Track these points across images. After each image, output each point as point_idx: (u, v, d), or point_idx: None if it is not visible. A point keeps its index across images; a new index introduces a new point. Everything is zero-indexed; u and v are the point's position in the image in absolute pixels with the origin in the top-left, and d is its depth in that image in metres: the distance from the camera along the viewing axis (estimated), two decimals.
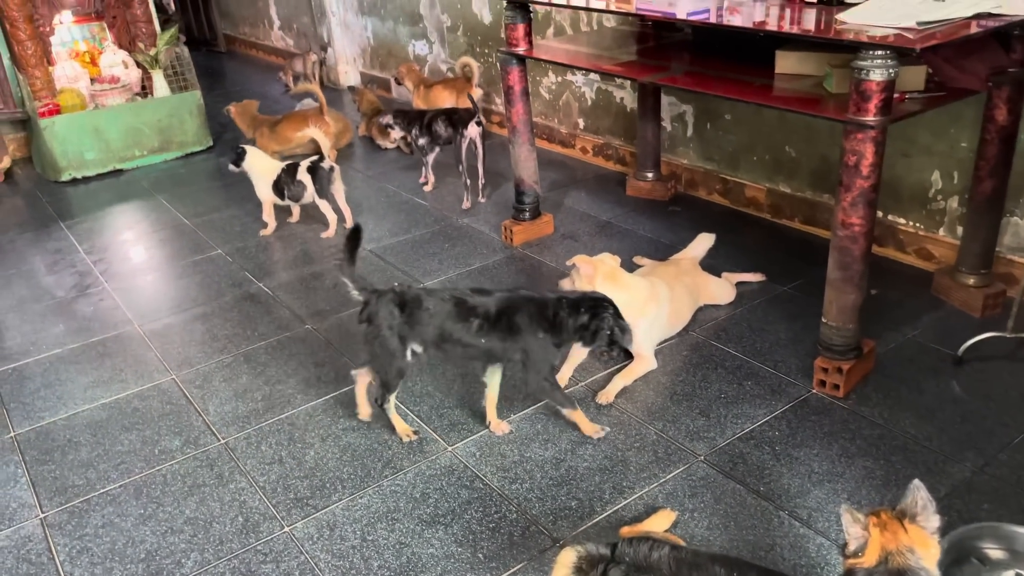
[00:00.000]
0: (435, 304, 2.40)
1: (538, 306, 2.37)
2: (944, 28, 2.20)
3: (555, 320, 2.34)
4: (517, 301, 2.39)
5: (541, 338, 2.36)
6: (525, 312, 2.36)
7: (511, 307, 2.38)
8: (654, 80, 3.09)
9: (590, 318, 2.33)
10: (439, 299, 2.41)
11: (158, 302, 3.57)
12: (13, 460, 2.60)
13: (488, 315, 2.37)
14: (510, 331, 2.36)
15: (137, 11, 5.42)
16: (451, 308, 2.39)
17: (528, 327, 2.35)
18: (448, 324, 2.38)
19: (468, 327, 2.37)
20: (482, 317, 2.37)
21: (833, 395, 2.57)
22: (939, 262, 3.22)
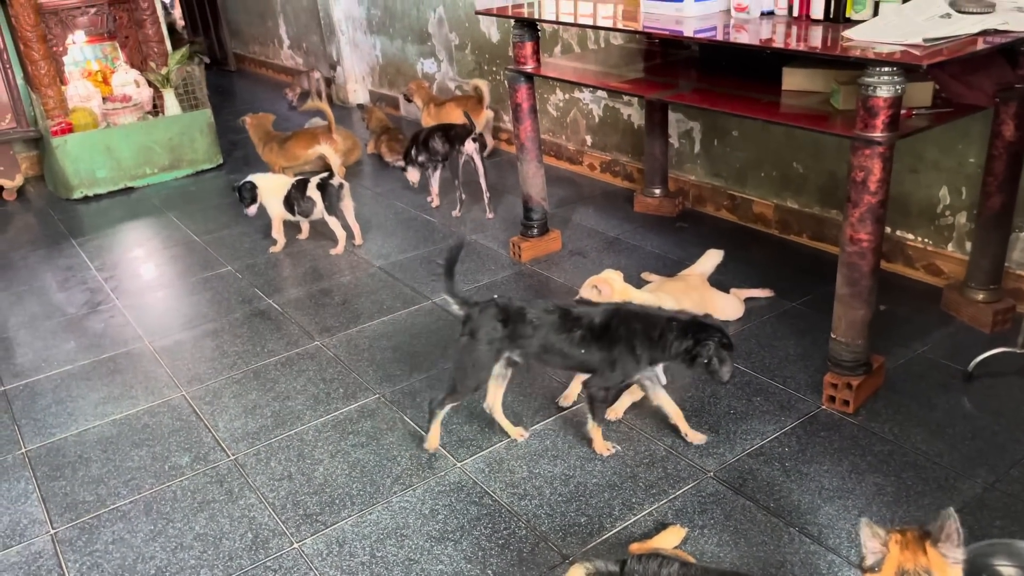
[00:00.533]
0: (539, 316, 2.39)
1: (645, 323, 2.34)
2: (951, 45, 2.21)
3: (660, 339, 2.31)
4: (624, 315, 2.37)
5: (636, 354, 2.33)
6: (630, 327, 2.34)
7: (616, 321, 2.36)
8: (661, 97, 3.11)
9: (694, 343, 2.28)
10: (543, 310, 2.40)
11: (168, 319, 3.59)
12: (24, 476, 2.61)
13: (592, 327, 2.35)
14: (611, 344, 2.34)
15: (149, 31, 5.49)
16: (556, 319, 2.38)
17: (627, 341, 2.33)
18: (552, 336, 2.37)
19: (571, 338, 2.36)
20: (585, 328, 2.35)
21: (843, 411, 2.56)
22: (948, 278, 3.21)
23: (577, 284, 3.44)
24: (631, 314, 2.38)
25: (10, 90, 5.30)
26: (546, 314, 2.39)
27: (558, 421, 2.65)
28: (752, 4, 2.76)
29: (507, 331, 2.39)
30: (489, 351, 2.41)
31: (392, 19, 6.23)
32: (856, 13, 2.51)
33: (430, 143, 4.36)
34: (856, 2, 2.51)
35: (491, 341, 2.40)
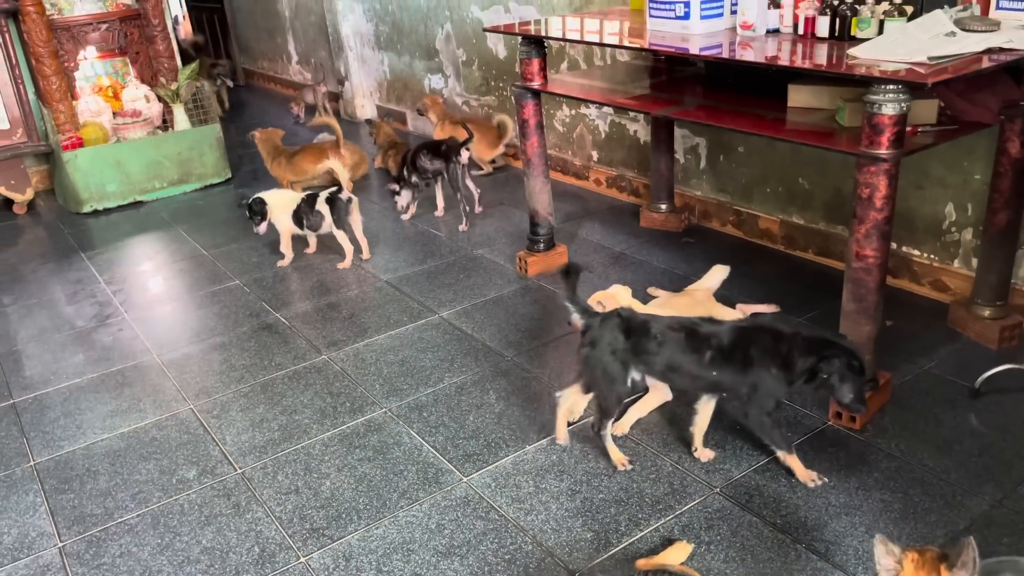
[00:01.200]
0: (663, 332, 2.33)
1: (774, 338, 2.26)
2: (955, 63, 2.22)
3: (787, 356, 2.24)
4: (752, 332, 2.30)
5: (774, 374, 2.25)
6: (760, 345, 2.27)
7: (746, 339, 2.28)
8: (668, 114, 3.13)
9: (818, 360, 2.20)
10: (667, 327, 2.35)
11: (176, 332, 3.61)
12: (32, 489, 2.62)
13: (722, 347, 2.28)
14: (744, 365, 2.27)
15: (160, 47, 5.54)
16: (682, 338, 2.31)
17: (762, 361, 2.26)
18: (678, 355, 2.32)
19: (700, 359, 2.29)
20: (715, 348, 2.28)
21: (849, 427, 2.56)
22: (954, 294, 3.22)
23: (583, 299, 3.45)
24: (758, 331, 2.29)
25: (22, 105, 5.35)
26: (671, 331, 2.32)
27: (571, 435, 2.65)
28: (758, 22, 2.79)
29: (630, 343, 2.34)
30: (615, 362, 2.35)
31: (400, 35, 6.29)
32: (861, 31, 2.53)
33: (417, 162, 4.44)
34: (861, 21, 2.53)
35: (614, 351, 2.34)
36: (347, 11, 6.75)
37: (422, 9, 5.88)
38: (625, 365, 2.36)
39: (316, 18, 7.35)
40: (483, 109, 5.65)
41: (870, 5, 2.52)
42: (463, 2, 5.43)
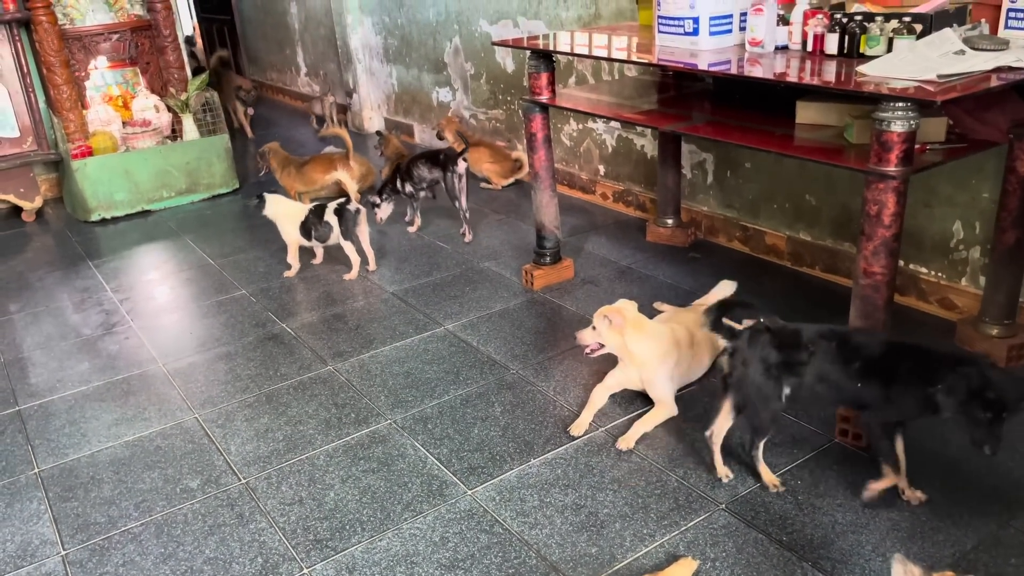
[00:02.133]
0: (814, 341, 2.27)
1: (926, 358, 2.17)
2: (965, 81, 2.23)
3: (935, 379, 2.12)
4: (905, 350, 2.21)
5: (915, 395, 2.16)
6: (912, 364, 2.17)
7: (897, 354, 2.20)
8: (676, 129, 3.13)
9: (969, 394, 2.06)
10: (817, 335, 2.27)
11: (182, 341, 3.61)
12: (37, 496, 2.62)
13: (871, 358, 2.21)
14: (889, 380, 2.18)
15: (170, 57, 5.58)
16: (833, 347, 2.25)
17: (909, 378, 2.17)
18: (827, 365, 2.24)
19: (848, 370, 2.22)
20: (864, 359, 2.21)
21: (855, 445, 2.55)
22: (961, 312, 3.21)
23: (589, 313, 3.45)
24: (912, 349, 2.20)
25: (32, 113, 5.39)
26: (822, 340, 2.25)
27: (569, 450, 2.64)
28: (766, 39, 2.79)
29: (782, 357, 2.27)
30: (769, 380, 2.28)
31: (409, 48, 6.32)
32: (870, 49, 2.54)
33: (413, 171, 4.46)
34: (870, 38, 2.53)
35: (768, 369, 2.28)
36: (356, 24, 6.79)
37: (431, 23, 5.92)
38: (779, 381, 2.28)
39: (325, 30, 7.39)
40: (491, 123, 5.67)
41: (879, 23, 2.53)
42: (472, 16, 5.46)
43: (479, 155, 5.22)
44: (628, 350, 2.71)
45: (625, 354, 2.74)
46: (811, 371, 2.25)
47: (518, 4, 5.02)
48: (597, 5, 4.48)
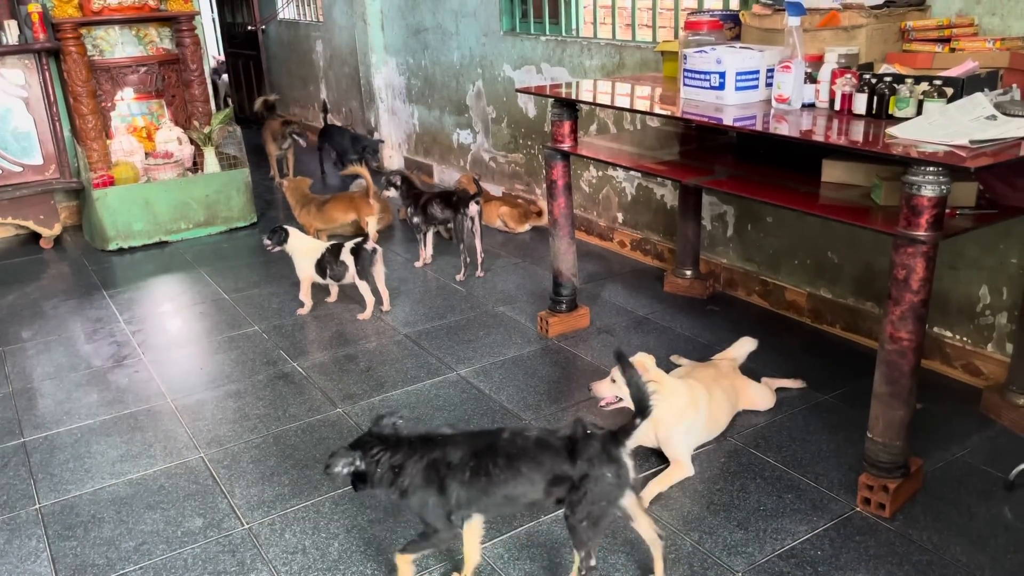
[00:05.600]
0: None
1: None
2: (997, 147, 2.19)
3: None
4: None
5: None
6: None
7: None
8: (699, 183, 3.10)
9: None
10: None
11: (192, 377, 3.58)
12: (36, 534, 2.56)
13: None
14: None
15: (196, 91, 5.63)
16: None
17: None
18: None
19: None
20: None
21: (879, 515, 2.46)
22: (987, 378, 3.13)
23: (605, 364, 3.40)
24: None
25: (56, 142, 5.43)
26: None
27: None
28: (793, 96, 2.77)
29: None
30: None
31: (432, 90, 6.36)
32: (899, 111, 2.51)
33: (428, 209, 4.56)
34: (900, 100, 2.50)
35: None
36: (380, 64, 6.86)
37: (454, 65, 5.96)
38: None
39: (349, 69, 7.47)
40: (510, 167, 5.67)
41: (909, 85, 2.50)
42: (495, 60, 5.49)
43: (492, 208, 5.26)
44: None
45: None
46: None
47: (542, 50, 5.05)
48: (621, 55, 4.49)
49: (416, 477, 2.05)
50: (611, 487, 2.03)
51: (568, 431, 2.08)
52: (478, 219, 4.44)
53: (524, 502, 2.11)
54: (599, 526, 2.06)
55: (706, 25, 3.21)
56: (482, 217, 4.55)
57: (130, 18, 5.38)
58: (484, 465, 2.05)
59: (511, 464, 2.04)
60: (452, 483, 2.04)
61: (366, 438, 2.09)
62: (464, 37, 5.76)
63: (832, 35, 2.87)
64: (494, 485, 2.05)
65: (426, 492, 2.05)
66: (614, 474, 2.03)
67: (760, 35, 3.11)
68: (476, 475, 2.04)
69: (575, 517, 2.04)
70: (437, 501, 2.06)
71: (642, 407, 2.02)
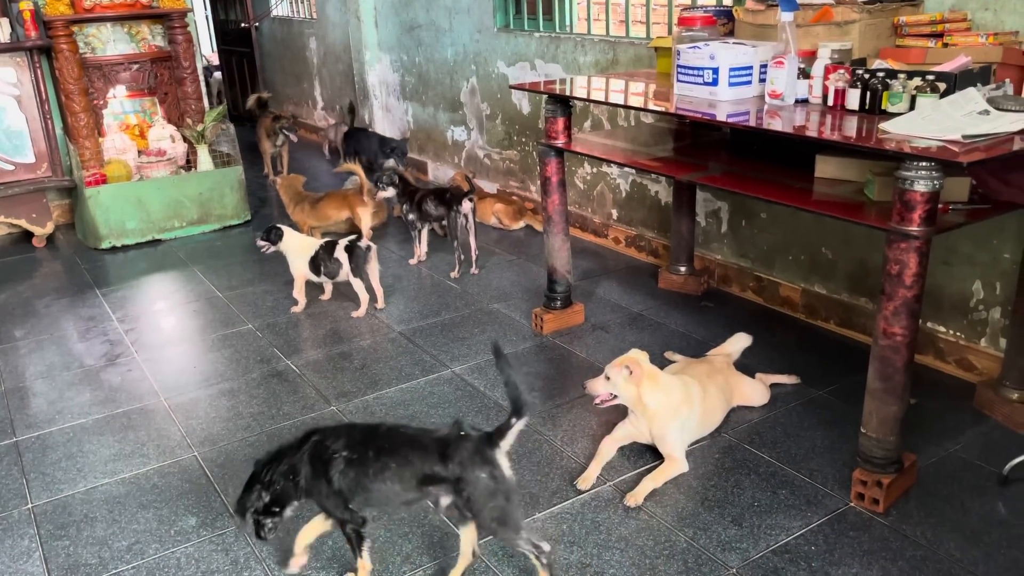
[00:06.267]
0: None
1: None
2: (989, 142, 2.19)
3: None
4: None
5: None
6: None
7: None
8: (693, 179, 3.10)
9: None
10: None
11: (186, 375, 3.56)
12: (28, 533, 2.55)
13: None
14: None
15: (188, 88, 5.61)
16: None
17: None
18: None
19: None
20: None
21: (872, 510, 2.47)
22: (980, 373, 3.13)
23: (599, 360, 3.40)
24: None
25: (48, 140, 5.41)
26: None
27: (575, 504, 2.57)
28: (786, 91, 2.77)
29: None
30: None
31: (426, 87, 6.35)
32: (892, 106, 2.50)
33: (423, 206, 4.55)
34: (892, 95, 2.50)
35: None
36: (374, 61, 6.84)
37: (448, 62, 5.95)
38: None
39: (343, 66, 7.45)
40: (504, 163, 5.67)
41: (902, 80, 2.50)
42: (489, 57, 5.48)
43: (487, 206, 5.25)
44: (642, 402, 2.65)
45: (638, 406, 2.67)
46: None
47: (536, 47, 5.04)
48: (615, 51, 4.48)
49: (306, 470, 2.06)
50: (492, 487, 2.01)
51: (443, 432, 2.07)
52: (472, 216, 4.44)
53: (400, 500, 2.11)
54: (510, 521, 2.05)
55: (699, 21, 3.20)
56: (476, 214, 4.55)
57: (122, 15, 5.35)
58: (359, 457, 2.04)
59: (380, 459, 2.04)
60: (333, 472, 2.04)
61: (253, 471, 2.10)
62: (458, 34, 5.75)
63: (825, 30, 2.86)
64: (366, 478, 2.04)
65: (317, 482, 2.06)
66: (489, 475, 2.01)
67: (753, 31, 3.11)
68: (350, 466, 2.04)
69: (480, 522, 2.04)
70: (327, 491, 2.06)
71: (518, 407, 2.01)
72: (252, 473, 2.12)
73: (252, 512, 2.07)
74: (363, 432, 2.13)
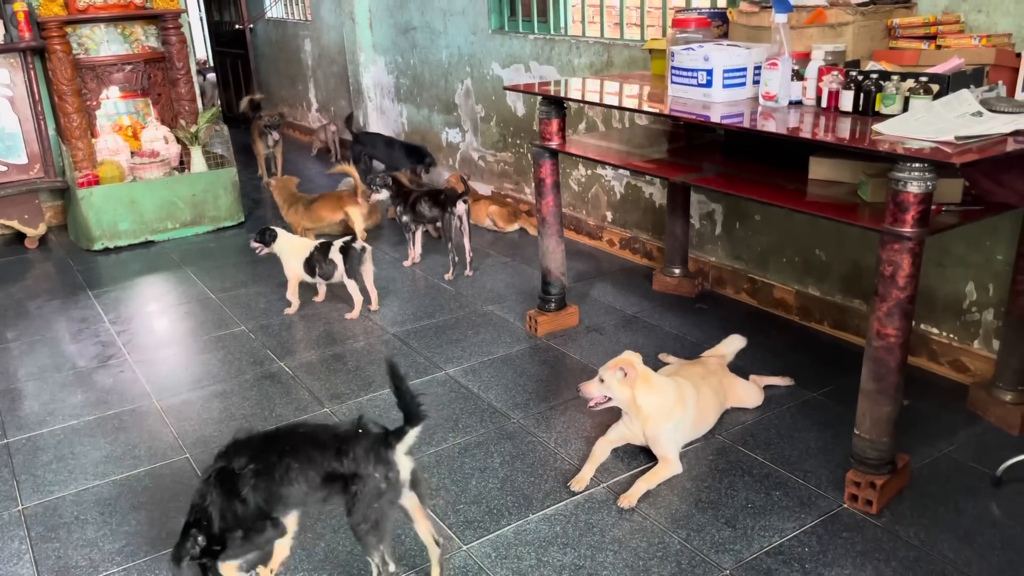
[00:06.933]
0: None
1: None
2: (982, 144, 2.19)
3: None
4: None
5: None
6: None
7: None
8: (687, 180, 3.10)
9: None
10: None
11: (178, 377, 3.55)
12: (19, 535, 2.54)
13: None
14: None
15: (182, 90, 5.60)
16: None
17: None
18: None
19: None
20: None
21: (866, 511, 2.46)
22: (974, 375, 3.14)
23: (593, 361, 3.39)
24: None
25: (41, 141, 5.39)
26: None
27: (569, 506, 2.56)
28: (780, 93, 2.77)
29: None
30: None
31: (420, 88, 6.34)
32: (885, 108, 2.51)
33: (417, 207, 4.55)
34: (886, 97, 2.50)
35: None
36: (369, 63, 6.84)
37: (443, 64, 5.94)
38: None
39: (338, 68, 7.44)
40: (499, 165, 5.66)
41: (895, 82, 2.50)
42: (484, 59, 5.48)
43: (482, 207, 5.25)
44: (636, 404, 2.65)
45: (632, 408, 2.67)
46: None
47: (531, 49, 5.04)
48: (609, 53, 4.48)
49: (221, 499, 2.01)
50: (381, 488, 2.01)
51: (343, 428, 2.07)
52: (466, 218, 4.44)
53: (313, 499, 2.09)
54: (380, 529, 2.04)
55: (694, 22, 3.21)
56: (470, 216, 4.55)
57: (116, 16, 5.34)
58: (264, 466, 2.01)
59: (283, 461, 2.02)
60: (244, 489, 2.00)
61: (185, 521, 2.06)
62: (452, 36, 5.75)
63: (819, 32, 2.87)
64: (275, 484, 2.01)
65: (231, 504, 2.01)
66: (383, 476, 2.01)
67: (747, 32, 3.11)
68: (259, 477, 2.01)
69: (352, 519, 2.03)
70: (243, 510, 2.01)
71: (411, 415, 2.02)
72: (185, 523, 2.06)
73: (190, 559, 2.01)
74: (262, 440, 2.09)
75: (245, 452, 2.04)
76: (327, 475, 2.02)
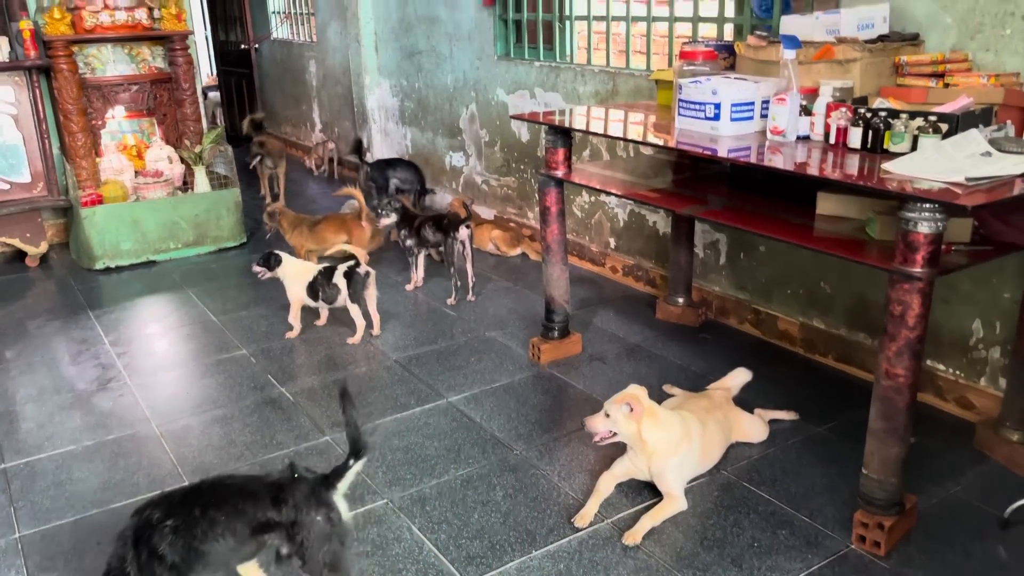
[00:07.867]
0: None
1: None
2: (992, 185, 2.19)
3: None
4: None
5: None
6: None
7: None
8: (693, 213, 3.09)
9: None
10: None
11: (178, 401, 3.52)
12: (16, 564, 2.50)
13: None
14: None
15: (188, 110, 5.61)
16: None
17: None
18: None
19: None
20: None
21: (874, 552, 2.43)
22: (980, 412, 3.12)
23: (596, 392, 3.37)
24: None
25: (45, 159, 5.39)
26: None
27: (573, 542, 2.53)
28: (788, 128, 2.77)
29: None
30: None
31: (425, 112, 6.36)
32: (894, 145, 2.51)
33: (421, 232, 4.57)
34: (894, 135, 2.50)
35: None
36: (374, 85, 6.86)
37: (448, 89, 5.96)
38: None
39: (343, 89, 7.47)
40: (503, 190, 5.66)
41: (904, 120, 2.50)
42: (489, 85, 5.50)
43: (484, 231, 5.25)
44: (642, 439, 2.62)
45: (638, 443, 2.64)
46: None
47: (536, 76, 5.06)
48: (615, 81, 4.50)
49: (136, 557, 1.96)
50: (327, 531, 1.98)
51: (275, 476, 2.03)
52: (469, 243, 4.43)
53: (239, 555, 2.04)
54: (341, 566, 2.01)
55: (701, 55, 3.21)
56: (473, 241, 4.54)
57: (123, 36, 5.35)
58: (184, 521, 1.96)
59: (207, 515, 1.96)
60: (161, 545, 1.94)
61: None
62: (458, 61, 5.77)
63: (827, 68, 2.87)
64: (196, 540, 1.95)
65: (151, 563, 1.95)
66: (325, 518, 1.98)
67: (755, 66, 3.11)
68: (176, 533, 1.95)
69: (308, 568, 1.99)
70: (163, 570, 1.95)
71: (357, 448, 1.99)
72: None
73: None
74: (183, 494, 2.05)
75: (162, 506, 2.00)
76: (259, 525, 1.97)
